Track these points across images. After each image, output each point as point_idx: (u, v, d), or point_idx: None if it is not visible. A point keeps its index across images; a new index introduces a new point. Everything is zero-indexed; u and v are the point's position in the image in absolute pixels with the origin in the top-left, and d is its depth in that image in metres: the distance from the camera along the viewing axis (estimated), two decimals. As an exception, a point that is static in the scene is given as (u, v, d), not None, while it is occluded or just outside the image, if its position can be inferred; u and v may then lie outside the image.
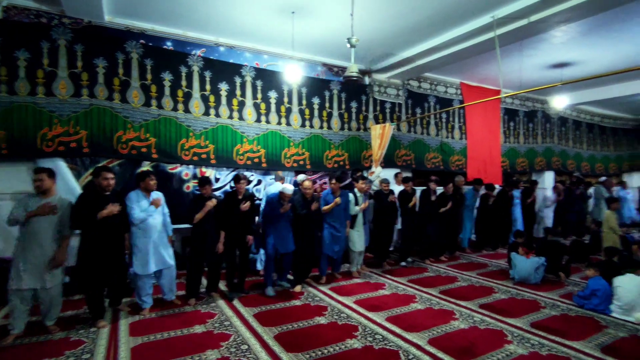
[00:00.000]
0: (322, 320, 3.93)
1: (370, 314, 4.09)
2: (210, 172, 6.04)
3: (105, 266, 3.71)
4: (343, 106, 7.11)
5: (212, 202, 4.30)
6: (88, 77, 4.97)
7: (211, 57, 5.89)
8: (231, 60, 6.06)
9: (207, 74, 5.78)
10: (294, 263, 4.94)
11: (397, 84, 7.69)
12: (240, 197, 4.55)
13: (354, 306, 4.35)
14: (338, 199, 5.11)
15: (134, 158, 5.31)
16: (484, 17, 5.12)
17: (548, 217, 8.47)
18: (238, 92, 6.03)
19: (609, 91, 9.27)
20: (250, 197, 4.69)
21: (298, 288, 4.85)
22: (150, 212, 3.99)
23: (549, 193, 8.41)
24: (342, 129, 7.08)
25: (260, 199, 5.99)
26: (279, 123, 6.40)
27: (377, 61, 7.03)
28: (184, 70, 5.61)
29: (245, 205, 4.50)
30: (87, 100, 4.94)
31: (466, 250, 7.48)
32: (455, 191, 6.86)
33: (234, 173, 6.18)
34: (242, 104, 6.07)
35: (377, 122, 7.40)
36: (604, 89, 9.31)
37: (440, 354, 3.21)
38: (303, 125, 6.64)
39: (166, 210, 4.28)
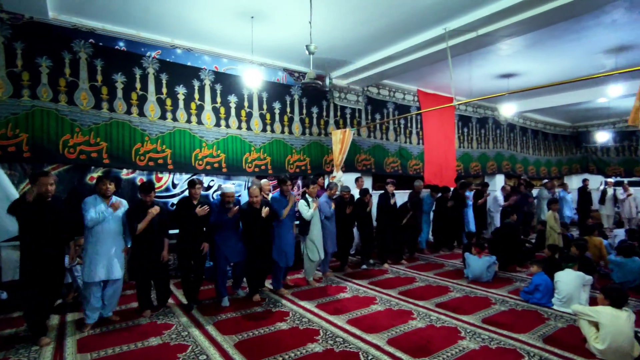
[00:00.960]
0: (283, 326, 3.92)
1: (331, 318, 4.13)
2: (167, 178, 5.84)
3: (45, 278, 3.44)
4: (304, 111, 7.15)
5: (154, 210, 4.06)
6: (30, 77, 4.63)
7: (167, 60, 5.71)
8: (189, 63, 5.91)
9: (164, 77, 5.59)
10: (247, 273, 4.82)
11: (357, 90, 7.87)
12: (195, 202, 4.38)
13: (316, 310, 4.37)
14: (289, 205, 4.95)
15: (83, 163, 5.02)
16: (437, 29, 5.38)
17: (498, 218, 8.95)
18: (196, 95, 5.89)
19: (549, 101, 10.06)
20: (206, 203, 4.48)
21: (257, 297, 4.75)
22: (106, 215, 3.78)
23: (499, 195, 8.91)
24: (303, 134, 7.12)
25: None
26: (240, 128, 6.32)
27: (337, 68, 7.15)
28: (138, 72, 5.39)
29: (203, 209, 4.28)
30: (29, 101, 4.61)
31: (424, 251, 7.76)
32: (413, 195, 7.09)
33: (193, 178, 6.02)
34: (200, 108, 5.93)
35: (337, 128, 7.51)
36: (545, 99, 10.10)
37: (398, 353, 3.30)
38: (264, 130, 6.60)
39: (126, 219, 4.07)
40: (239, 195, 5.46)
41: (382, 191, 6.79)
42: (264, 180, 6.05)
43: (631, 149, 12.48)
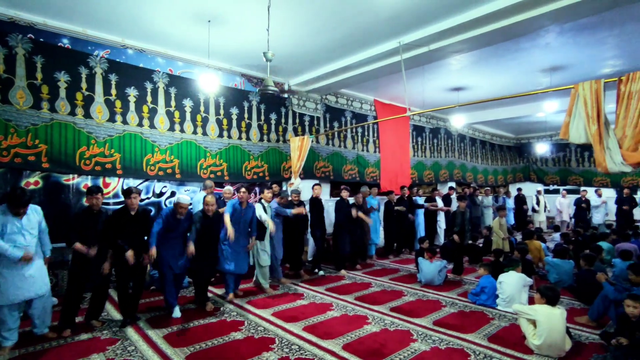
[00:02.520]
0: (238, 335, 3.83)
1: (287, 325, 4.09)
2: (117, 184, 5.53)
3: None
4: (262, 117, 7.11)
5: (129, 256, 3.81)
6: (-44, 72, 4.23)
7: (117, 60, 5.45)
8: (141, 65, 5.68)
9: (113, 77, 5.32)
10: (195, 282, 4.65)
11: (316, 98, 7.97)
12: (132, 212, 4.07)
13: (272, 318, 4.31)
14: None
15: (18, 167, 4.62)
16: (392, 42, 5.60)
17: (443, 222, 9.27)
18: (149, 98, 5.66)
19: (494, 114, 10.78)
20: (144, 213, 4.21)
21: (210, 306, 4.60)
22: (13, 254, 3.28)
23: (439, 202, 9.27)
24: (261, 140, 7.06)
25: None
26: (195, 132, 6.14)
27: (296, 75, 7.20)
28: (84, 71, 5.08)
29: (129, 255, 3.97)
30: (-45, 99, 4.20)
31: (373, 257, 7.78)
32: (362, 202, 7.17)
33: (145, 184, 5.77)
34: (153, 112, 5.70)
35: (296, 134, 7.54)
36: (491, 112, 10.80)
37: (353, 358, 3.34)
38: (221, 136, 6.47)
39: (44, 226, 3.67)
40: (191, 206, 5.24)
41: (338, 198, 6.83)
42: (226, 188, 6.00)
43: (566, 159, 13.68)
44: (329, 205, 7.10)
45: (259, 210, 5.26)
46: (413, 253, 7.76)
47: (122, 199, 5.49)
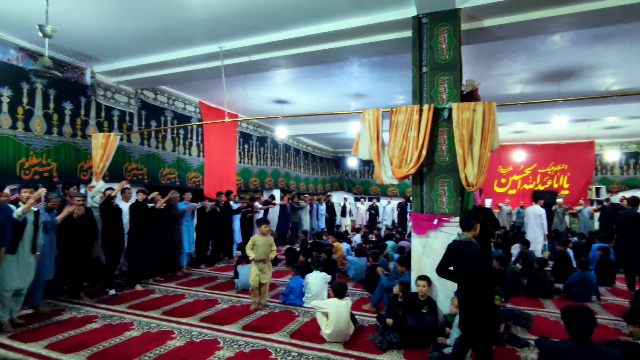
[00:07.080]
0: (-15, 384, 2.93)
1: (64, 357, 3.39)
2: None
3: None
4: (51, 105, 5.78)
5: None
6: None
7: None
8: None
9: None
10: None
11: (129, 92, 7.06)
12: None
13: (43, 352, 3.49)
14: None
15: None
16: (213, 46, 5.50)
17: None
18: None
19: (314, 128, 11.94)
20: None
21: None
22: None
23: (259, 205, 9.68)
24: (49, 132, 5.72)
25: None
26: None
27: (102, 62, 6.20)
28: None
29: None
30: None
31: (184, 268, 7.07)
32: (170, 208, 6.59)
33: None
34: None
35: (101, 130, 6.46)
36: (312, 126, 11.92)
37: (145, 382, 3.02)
38: (-19, 122, 4.93)
39: None
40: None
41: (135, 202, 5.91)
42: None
43: (368, 172, 16.43)
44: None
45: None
46: (232, 259, 7.72)
47: None
